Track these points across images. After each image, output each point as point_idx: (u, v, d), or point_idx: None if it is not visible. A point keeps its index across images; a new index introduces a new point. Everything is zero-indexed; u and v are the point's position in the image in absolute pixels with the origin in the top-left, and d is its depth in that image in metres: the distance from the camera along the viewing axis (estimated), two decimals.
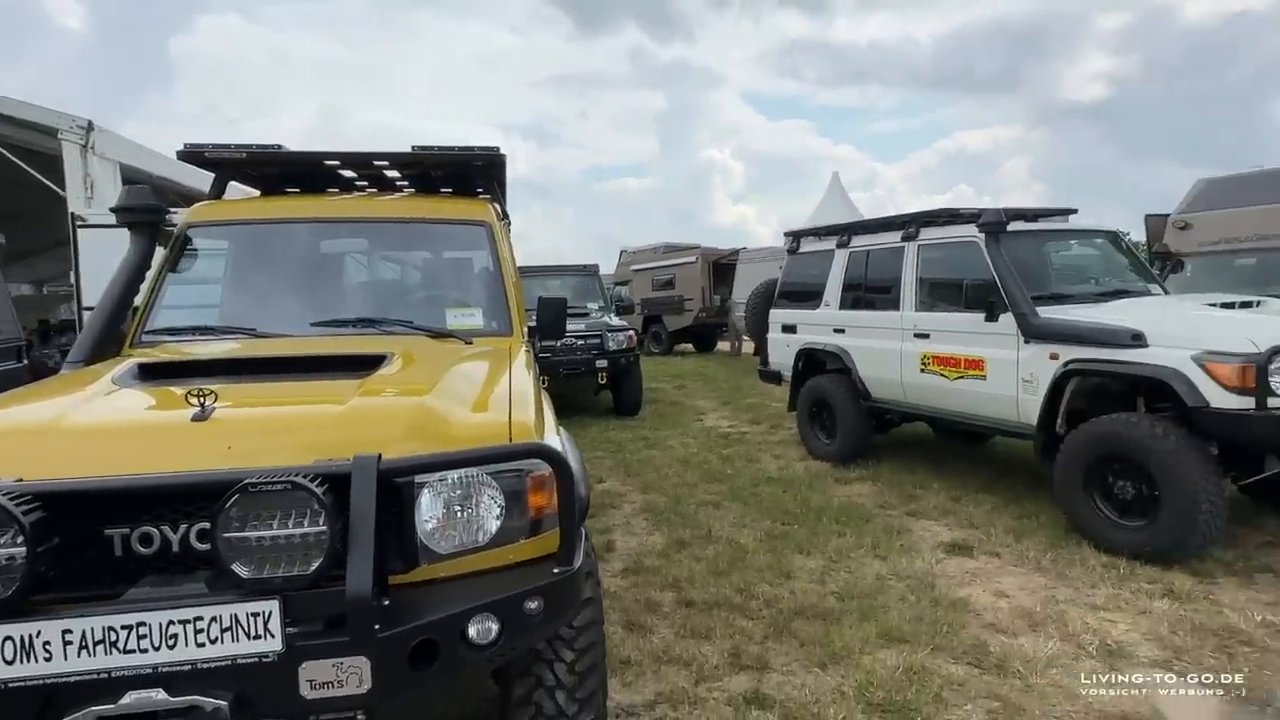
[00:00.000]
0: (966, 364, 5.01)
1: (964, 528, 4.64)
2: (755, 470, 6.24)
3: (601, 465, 6.64)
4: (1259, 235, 7.48)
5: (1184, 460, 3.67)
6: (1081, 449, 4.13)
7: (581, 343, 8.58)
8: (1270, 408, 3.45)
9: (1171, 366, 3.75)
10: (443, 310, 3.07)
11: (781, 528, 4.74)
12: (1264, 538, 4.23)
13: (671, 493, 5.62)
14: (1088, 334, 4.18)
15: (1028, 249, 5.05)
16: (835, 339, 6.30)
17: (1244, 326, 3.71)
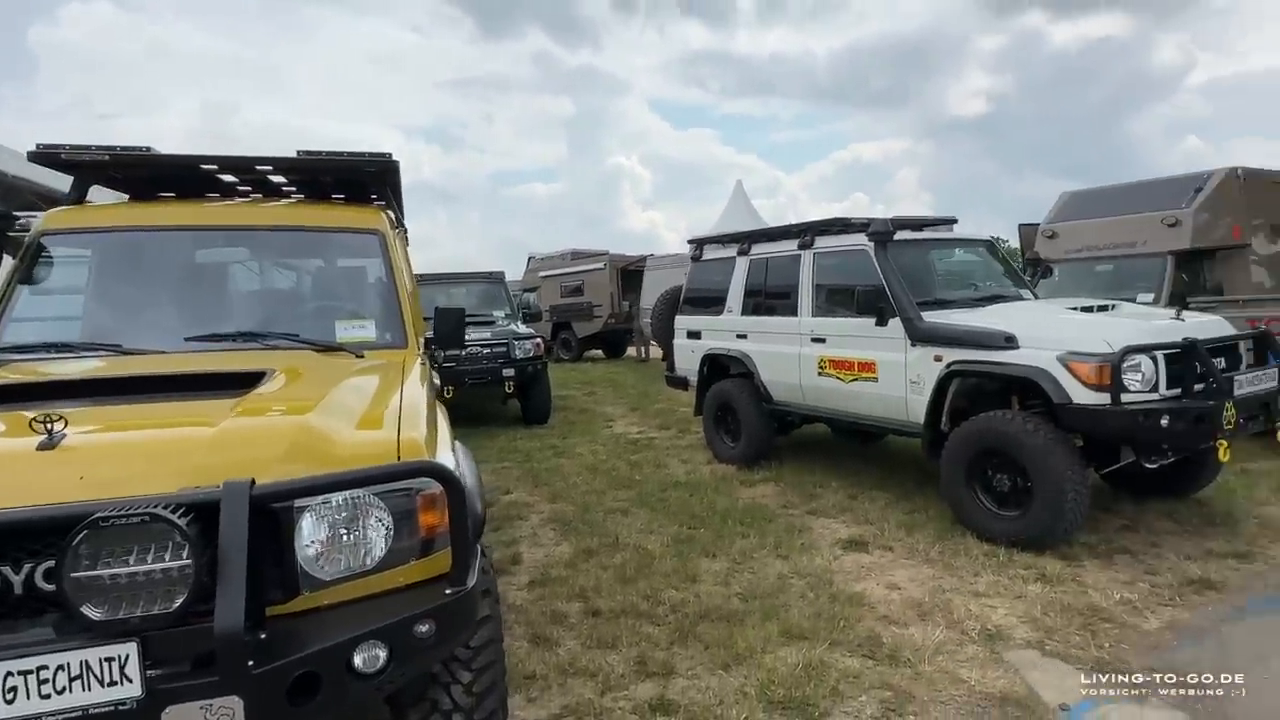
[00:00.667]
0: (859, 367, 5.23)
1: (860, 524, 4.84)
2: (663, 475, 6.30)
3: (509, 476, 6.54)
4: (1114, 244, 8.19)
5: (1052, 453, 3.96)
6: (963, 445, 4.39)
7: (487, 351, 8.44)
8: (1123, 403, 3.77)
9: (1039, 366, 4.05)
10: (332, 323, 2.94)
11: (688, 532, 4.80)
12: (1122, 521, 4.61)
13: (580, 501, 5.60)
14: (966, 337, 4.45)
15: (913, 256, 5.34)
16: (738, 344, 6.45)
17: (1100, 329, 4.05)
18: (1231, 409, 3.79)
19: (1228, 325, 4.41)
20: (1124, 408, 3.75)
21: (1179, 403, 3.82)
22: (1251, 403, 4.00)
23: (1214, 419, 3.74)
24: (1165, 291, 7.44)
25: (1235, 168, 7.83)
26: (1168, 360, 3.87)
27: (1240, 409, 3.87)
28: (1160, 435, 3.77)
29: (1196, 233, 7.54)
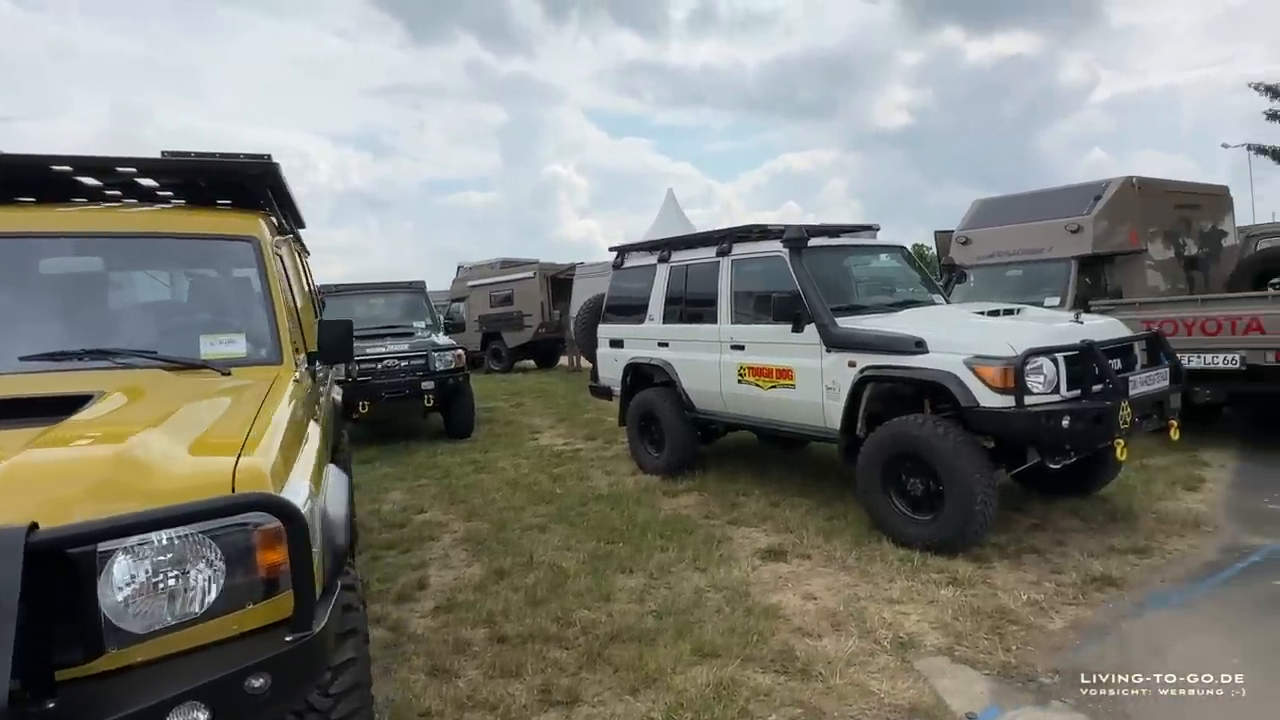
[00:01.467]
0: (778, 374, 5.21)
1: (780, 532, 4.79)
2: (585, 488, 6.15)
3: (425, 493, 6.27)
4: (1022, 249, 8.48)
5: (961, 456, 3.99)
6: (877, 450, 4.40)
7: (405, 364, 8.13)
8: (1027, 405, 3.82)
9: (947, 370, 4.08)
10: (197, 338, 2.69)
11: (606, 547, 4.66)
12: (1031, 520, 4.70)
13: (496, 518, 5.39)
14: (879, 342, 4.47)
15: (829, 263, 5.35)
16: (660, 353, 6.36)
17: (1004, 332, 4.11)
18: (1127, 409, 3.89)
19: (1123, 327, 4.56)
20: (1027, 410, 3.80)
21: (1079, 403, 3.90)
22: (1146, 402, 4.12)
23: (1111, 419, 3.83)
24: (1070, 295, 7.73)
25: (1131, 177, 8.22)
26: (1068, 362, 3.96)
27: (1135, 408, 3.98)
28: (1062, 436, 3.84)
29: (1097, 238, 7.86)
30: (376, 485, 6.64)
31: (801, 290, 4.95)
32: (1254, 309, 5.83)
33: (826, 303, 4.90)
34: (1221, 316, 5.89)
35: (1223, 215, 9.66)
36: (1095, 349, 3.92)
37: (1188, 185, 9.20)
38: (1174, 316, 6.15)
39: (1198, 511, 4.71)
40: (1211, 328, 5.94)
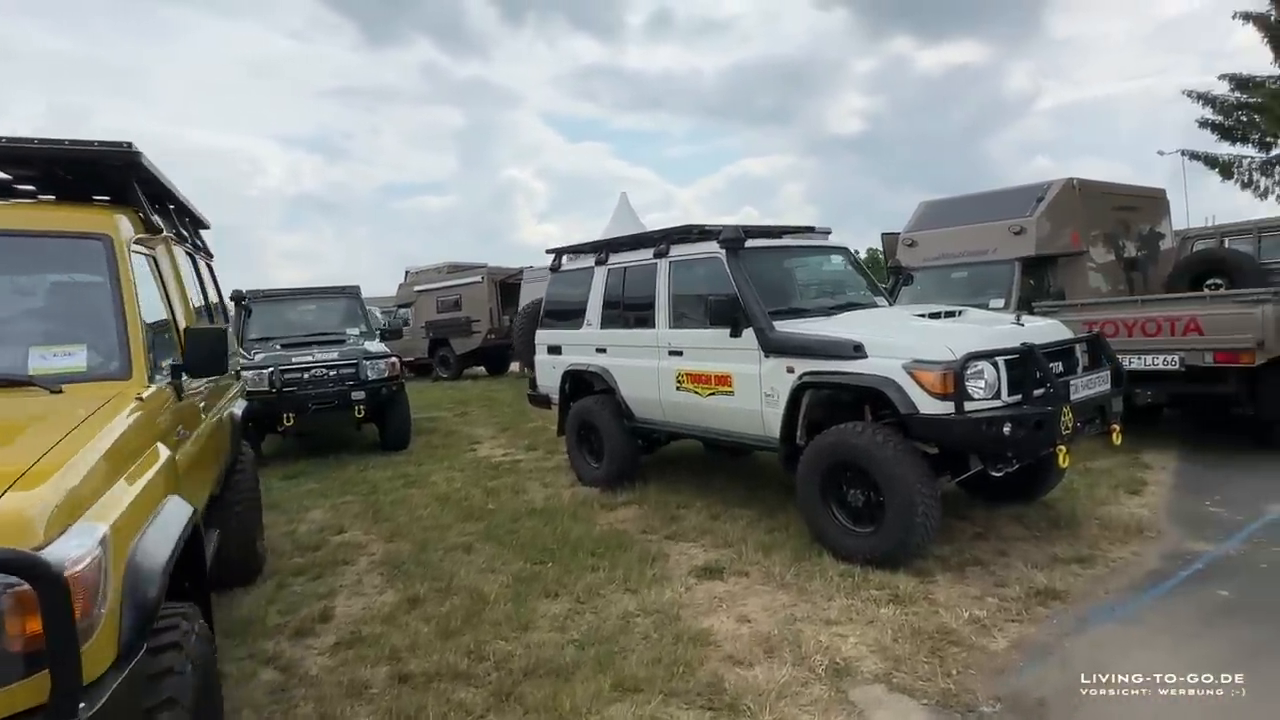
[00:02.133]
0: (716, 380, 4.98)
1: (719, 547, 4.56)
2: (520, 503, 5.84)
3: (348, 511, 5.89)
4: (968, 251, 8.44)
5: (901, 465, 3.81)
6: (816, 459, 4.19)
7: (333, 373, 7.70)
8: (968, 411, 3.66)
9: (886, 376, 3.89)
10: (25, 350, 2.34)
11: (533, 568, 4.36)
12: (975, 530, 4.55)
13: (420, 538, 5.05)
14: (817, 347, 4.27)
15: (768, 264, 5.15)
16: (598, 359, 6.09)
17: (944, 336, 3.94)
18: (1069, 414, 3.75)
19: (1065, 329, 4.45)
20: (967, 416, 3.63)
21: (1020, 409, 3.75)
22: (1088, 406, 4.00)
23: (1052, 425, 3.69)
24: (1014, 297, 7.70)
25: (1072, 179, 8.24)
26: (1008, 366, 3.80)
27: (1077, 413, 3.84)
28: (1003, 443, 3.68)
29: (1040, 240, 7.85)
30: (298, 503, 6.22)
31: (739, 293, 4.73)
32: (1192, 309, 5.82)
33: (764, 306, 4.69)
34: (1161, 317, 5.87)
35: (1160, 218, 9.80)
36: (1036, 352, 3.78)
37: (1126, 188, 9.30)
38: (1115, 317, 6.11)
39: (1140, 517, 4.62)
40: (1151, 329, 5.92)
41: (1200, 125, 17.00)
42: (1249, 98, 16.41)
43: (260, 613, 3.88)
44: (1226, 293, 6.46)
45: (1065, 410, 3.73)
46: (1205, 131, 17.02)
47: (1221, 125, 16.96)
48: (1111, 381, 4.21)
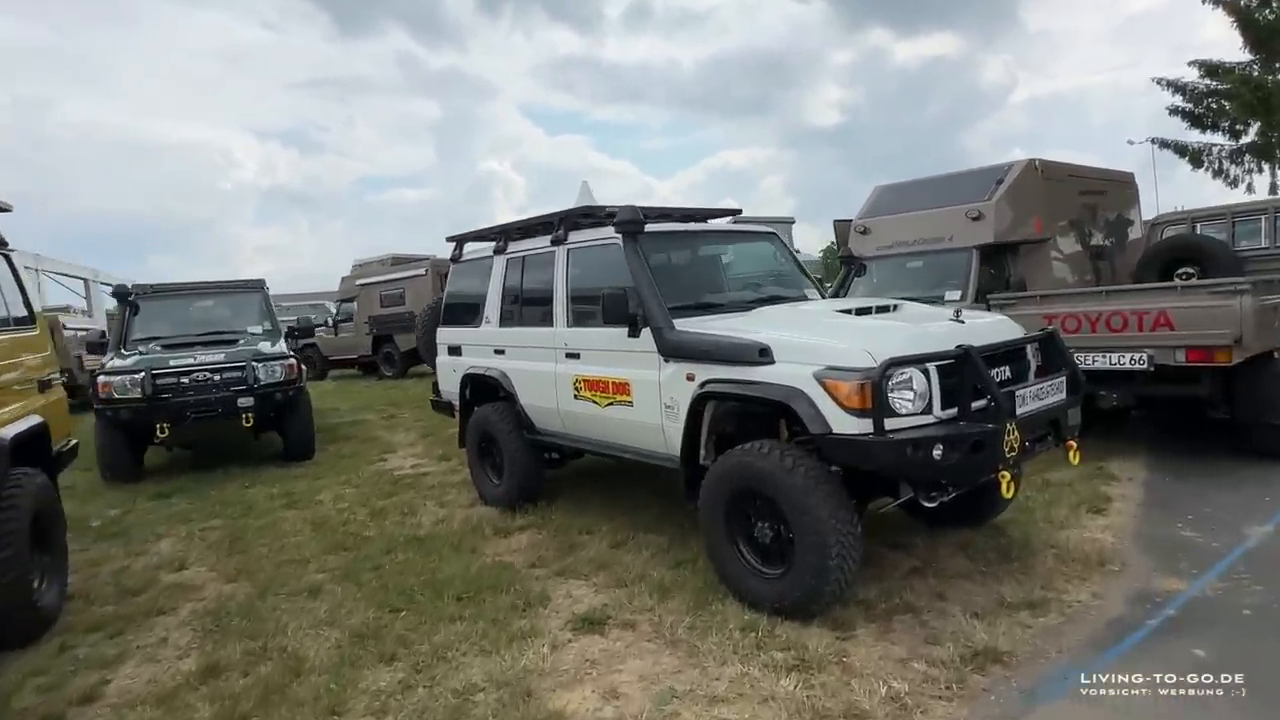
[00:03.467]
0: (614, 388, 4.25)
1: (612, 586, 3.84)
2: (404, 528, 5.08)
3: (203, 541, 5.08)
4: (923, 239, 7.77)
5: (813, 496, 3.10)
6: (718, 486, 3.48)
7: (217, 378, 6.85)
8: (890, 430, 2.95)
9: (793, 386, 3.18)
10: None
11: (385, 617, 3.62)
12: (912, 562, 3.87)
13: (268, 577, 4.27)
14: (718, 350, 3.55)
15: (675, 252, 4.44)
16: (496, 361, 5.33)
17: (865, 336, 3.23)
18: (1014, 431, 3.06)
19: (1014, 326, 3.76)
20: (889, 437, 2.92)
21: (956, 426, 3.05)
22: (1039, 420, 3.31)
23: (994, 446, 3.00)
24: (971, 288, 7.05)
25: (1034, 159, 7.61)
26: (942, 374, 3.10)
27: (1025, 429, 3.16)
28: (933, 469, 2.99)
29: (999, 226, 7.19)
30: (151, 530, 5.40)
31: (636, 285, 3.99)
32: (1162, 302, 5.18)
33: (664, 300, 3.96)
34: (1128, 310, 5.23)
35: (1129, 204, 9.22)
36: (974, 356, 3.07)
37: (1093, 171, 8.68)
38: (1077, 311, 5.47)
39: (1103, 545, 3.96)
40: (1117, 323, 5.27)
41: (1171, 113, 16.55)
42: (1219, 84, 15.97)
43: (13, 688, 3.09)
44: (1200, 283, 5.83)
45: (1010, 427, 3.04)
46: (1176, 120, 16.58)
47: (1191, 113, 16.52)
48: (1068, 389, 3.53)
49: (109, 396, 6.56)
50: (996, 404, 3.00)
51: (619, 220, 4.09)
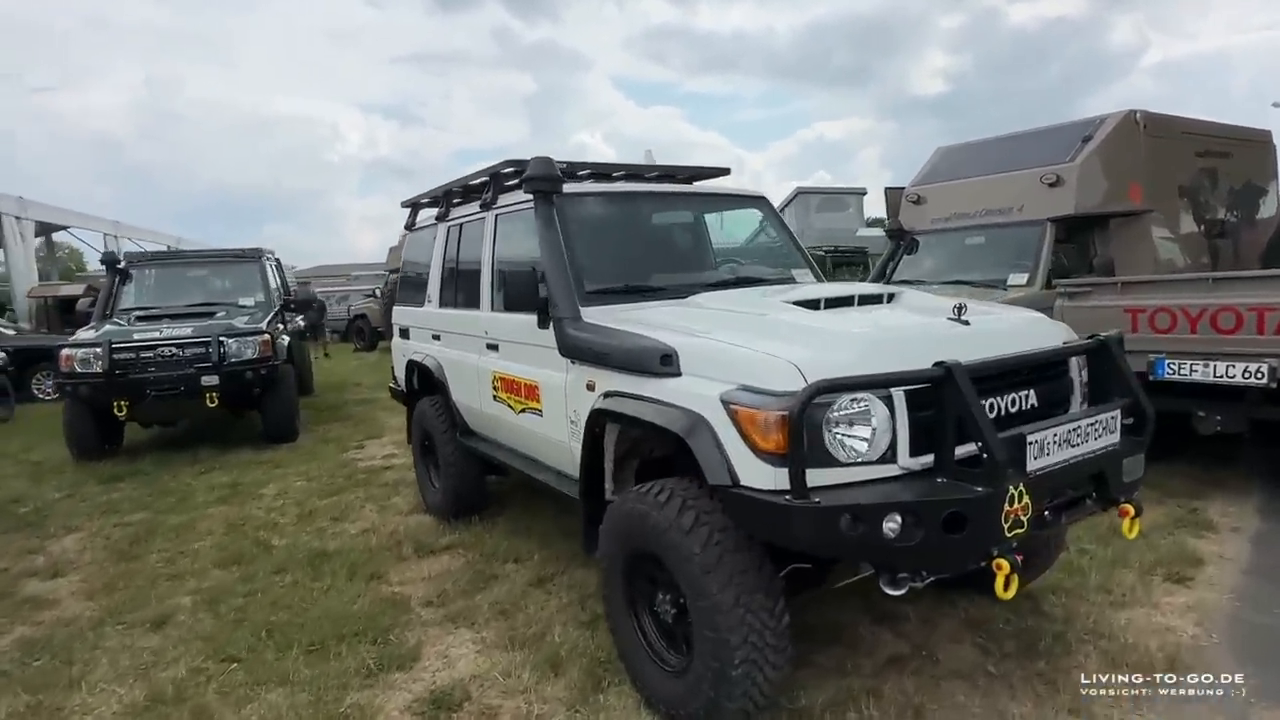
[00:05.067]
0: (526, 391, 3.37)
1: (499, 647, 3.00)
2: (320, 539, 4.40)
3: (105, 540, 4.54)
4: (987, 209, 6.45)
5: (716, 572, 2.13)
6: (614, 536, 2.56)
7: (180, 353, 6.38)
8: (821, 488, 1.94)
9: (695, 411, 2.20)
10: None
11: (209, 672, 2.92)
12: (895, 647, 2.83)
13: (128, 597, 3.67)
14: (616, 352, 2.60)
15: (611, 219, 3.47)
16: (433, 348, 4.55)
17: (805, 342, 2.21)
18: (1023, 496, 1.98)
19: (1051, 329, 2.62)
20: (814, 502, 1.91)
21: (930, 487, 2.00)
22: (1070, 476, 2.20)
23: (986, 519, 1.94)
24: (1041, 271, 5.73)
25: (1135, 111, 6.13)
26: (914, 404, 2.05)
27: (1041, 492, 2.07)
28: (887, 552, 1.96)
29: (1082, 194, 5.82)
30: (69, 520, 4.94)
31: (543, 259, 3.07)
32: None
33: (585, 280, 3.03)
34: (1243, 305, 3.90)
35: (1261, 169, 7.52)
36: (958, 378, 2.00)
37: (1215, 127, 7.02)
38: (1172, 303, 4.16)
39: (1179, 638, 2.80)
40: (1228, 322, 3.95)
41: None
42: None
43: None
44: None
45: (1016, 489, 1.97)
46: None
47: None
48: (1125, 426, 2.38)
49: (70, 370, 6.19)
50: (990, 454, 1.93)
51: (527, 176, 3.16)
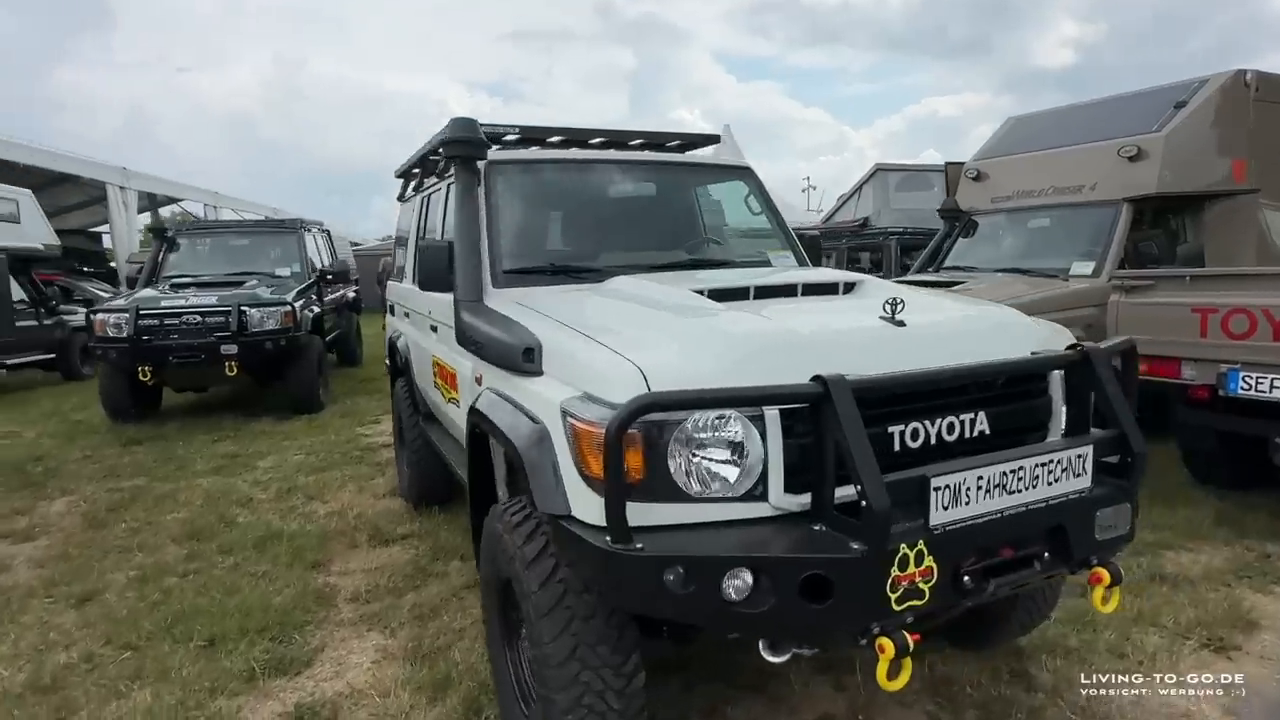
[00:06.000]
0: (449, 378, 3.08)
1: (398, 657, 2.76)
2: (285, 518, 4.29)
3: (86, 507, 4.58)
4: (1055, 187, 5.64)
5: (551, 617, 1.76)
6: (485, 558, 2.22)
7: (201, 321, 6.46)
8: (649, 529, 1.52)
9: (540, 419, 1.82)
10: None
11: (96, 658, 2.81)
12: (820, 710, 2.37)
13: (72, 570, 3.64)
14: (490, 344, 2.23)
15: (548, 190, 3.09)
16: (403, 326, 4.34)
17: (664, 344, 1.77)
18: (925, 555, 1.49)
19: (1028, 334, 2.06)
20: (632, 548, 1.50)
21: (801, 534, 1.55)
22: (1009, 529, 1.67)
23: (854, 586, 1.47)
24: (1111, 260, 4.93)
25: (1244, 71, 5.17)
26: (788, 427, 1.58)
27: (957, 550, 1.58)
28: (728, 620, 1.53)
29: (1168, 170, 4.96)
30: (71, 483, 5.05)
31: (455, 232, 2.74)
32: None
33: (498, 257, 2.69)
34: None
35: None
36: (835, 395, 1.51)
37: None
38: (1250, 303, 3.40)
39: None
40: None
41: None
42: None
43: None
44: None
45: (914, 547, 1.48)
46: None
47: None
48: (1109, 467, 1.82)
49: (103, 335, 6.39)
50: (867, 501, 1.45)
51: (445, 139, 2.82)
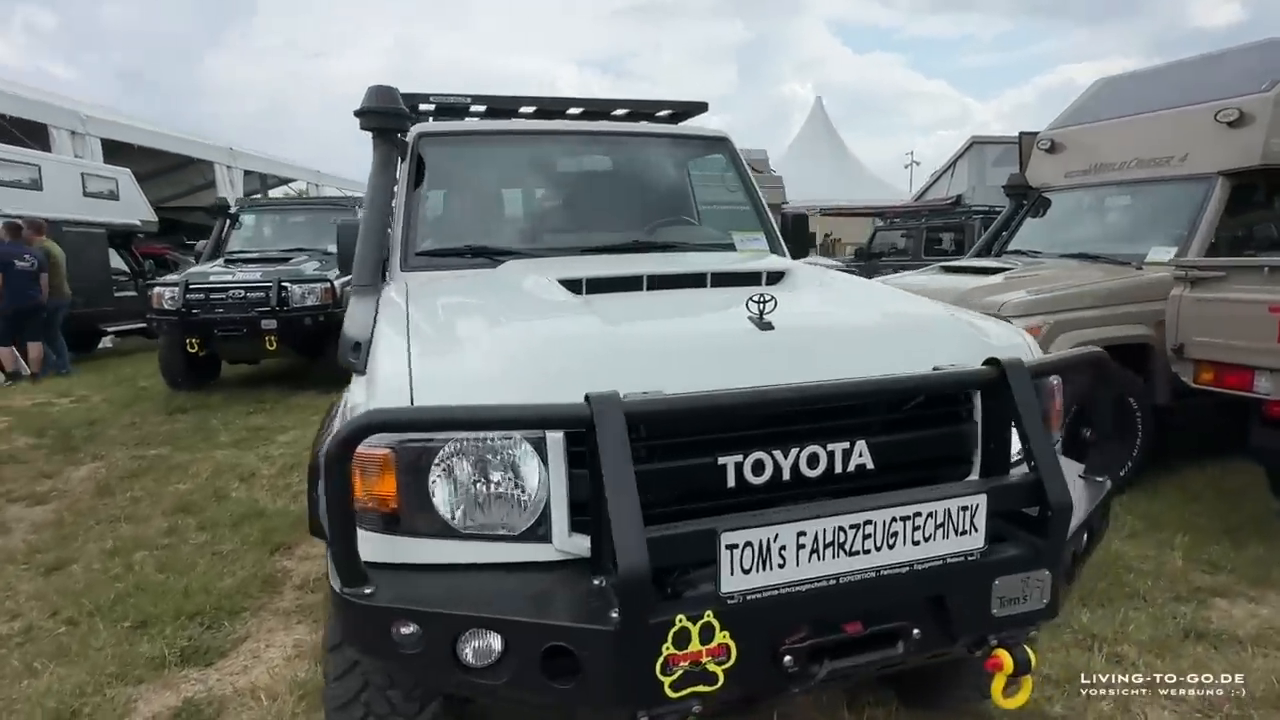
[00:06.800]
0: None
1: (314, 657, 2.64)
2: (280, 494, 4.35)
3: (107, 475, 4.77)
4: (1138, 159, 4.88)
5: (337, 650, 1.55)
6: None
7: (243, 295, 6.66)
8: (396, 567, 1.27)
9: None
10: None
11: (34, 630, 2.84)
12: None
13: (61, 537, 3.78)
14: (343, 338, 2.03)
15: (484, 164, 2.83)
16: None
17: (457, 348, 1.50)
18: (715, 630, 1.17)
19: (952, 338, 1.64)
20: (358, 597, 1.25)
21: (583, 593, 1.25)
22: (856, 600, 1.29)
23: (614, 667, 1.16)
24: (1199, 244, 4.19)
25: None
26: (573, 455, 1.28)
27: (769, 624, 1.23)
28: (468, 688, 1.26)
29: (1276, 136, 4.15)
30: (104, 449, 5.32)
31: (364, 210, 2.55)
32: None
33: (411, 238, 2.48)
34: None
35: None
36: (598, 419, 1.18)
37: None
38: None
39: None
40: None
41: None
42: None
43: None
44: None
45: (697, 620, 1.16)
46: None
47: None
48: (1024, 520, 1.40)
49: (159, 307, 6.71)
50: (614, 558, 1.13)
51: (360, 109, 2.61)
